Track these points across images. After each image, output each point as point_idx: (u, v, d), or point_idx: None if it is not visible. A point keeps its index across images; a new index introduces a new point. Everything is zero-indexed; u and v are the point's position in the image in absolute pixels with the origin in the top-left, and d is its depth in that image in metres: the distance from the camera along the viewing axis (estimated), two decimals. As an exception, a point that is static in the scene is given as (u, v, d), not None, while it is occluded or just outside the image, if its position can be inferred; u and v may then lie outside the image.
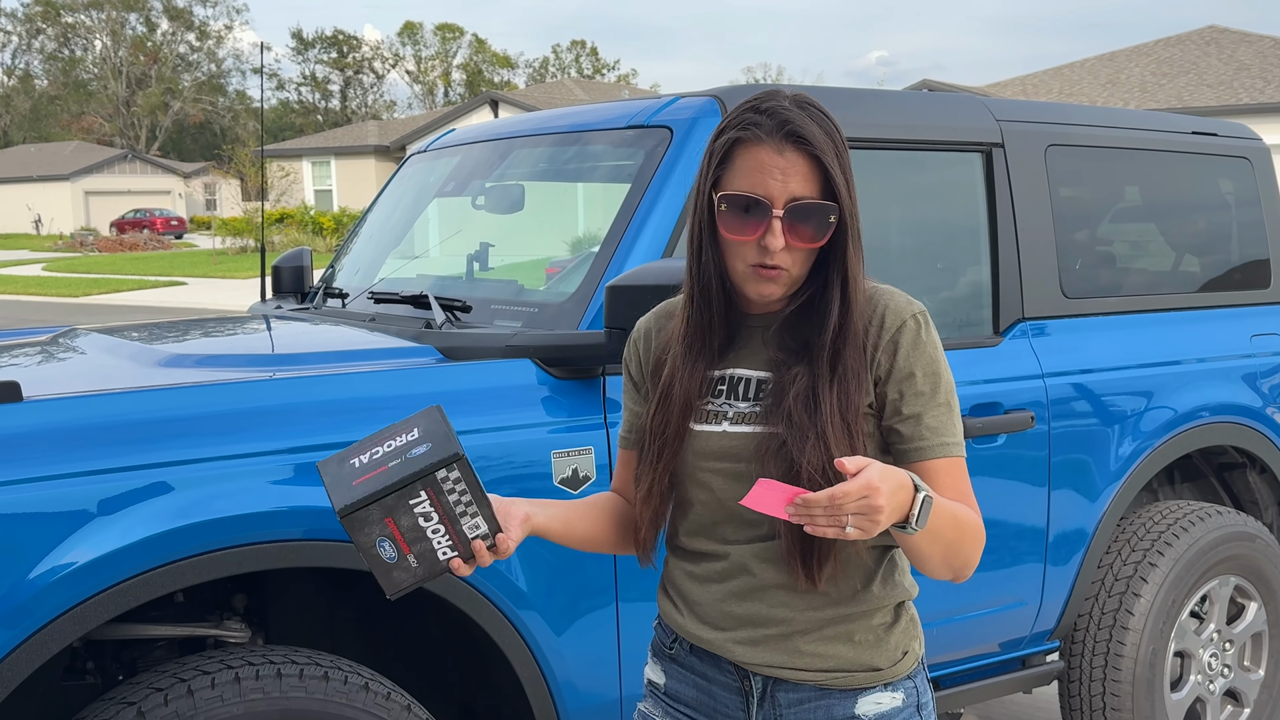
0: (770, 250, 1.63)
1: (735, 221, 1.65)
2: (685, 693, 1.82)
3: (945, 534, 1.59)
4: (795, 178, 1.62)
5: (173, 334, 3.16)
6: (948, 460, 1.68)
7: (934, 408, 1.68)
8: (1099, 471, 3.39)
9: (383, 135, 40.50)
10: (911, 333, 1.69)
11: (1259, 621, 3.79)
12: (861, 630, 1.72)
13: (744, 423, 1.72)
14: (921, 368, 1.69)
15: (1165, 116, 3.90)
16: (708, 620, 1.77)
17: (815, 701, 1.72)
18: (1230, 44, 31.63)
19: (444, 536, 1.61)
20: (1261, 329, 3.90)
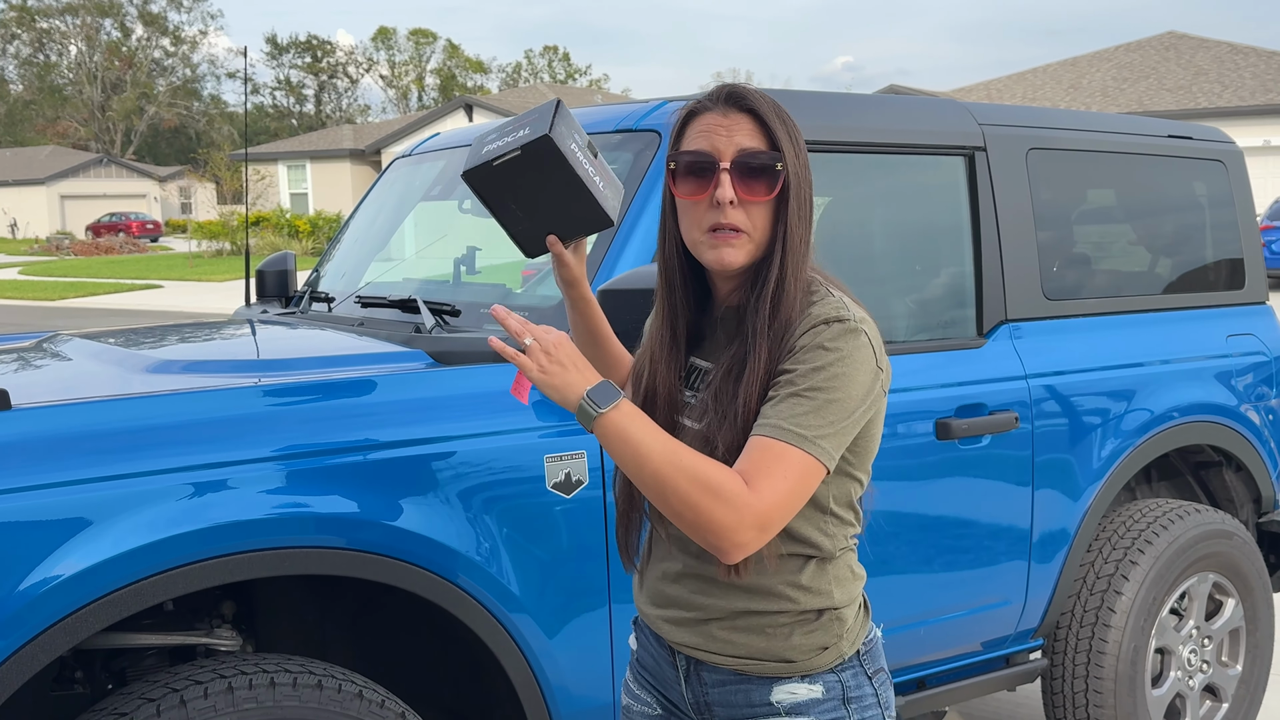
0: (721, 204, 1.66)
1: (688, 183, 1.70)
2: (647, 661, 1.94)
3: (644, 458, 1.59)
4: (740, 133, 1.68)
5: (158, 339, 3.09)
6: (769, 440, 1.62)
7: (796, 395, 1.63)
8: (1081, 471, 3.38)
9: (358, 139, 40.31)
10: (827, 332, 1.65)
11: (1236, 617, 3.78)
12: (774, 625, 1.75)
13: (690, 416, 1.77)
14: (813, 360, 1.64)
15: (1141, 120, 3.89)
16: (649, 596, 1.88)
17: (735, 685, 1.79)
18: (1189, 49, 31.91)
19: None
20: (1236, 329, 3.90)
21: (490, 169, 1.90)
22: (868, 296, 3.18)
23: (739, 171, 1.67)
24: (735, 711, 1.79)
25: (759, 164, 1.67)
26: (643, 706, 1.94)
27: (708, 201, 1.68)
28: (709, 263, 1.71)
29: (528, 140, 1.87)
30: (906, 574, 3.04)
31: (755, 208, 1.68)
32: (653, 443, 1.60)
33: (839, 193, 3.27)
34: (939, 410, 3.06)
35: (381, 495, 2.30)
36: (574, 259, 1.90)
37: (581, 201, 1.90)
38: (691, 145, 1.71)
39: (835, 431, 1.63)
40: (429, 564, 2.34)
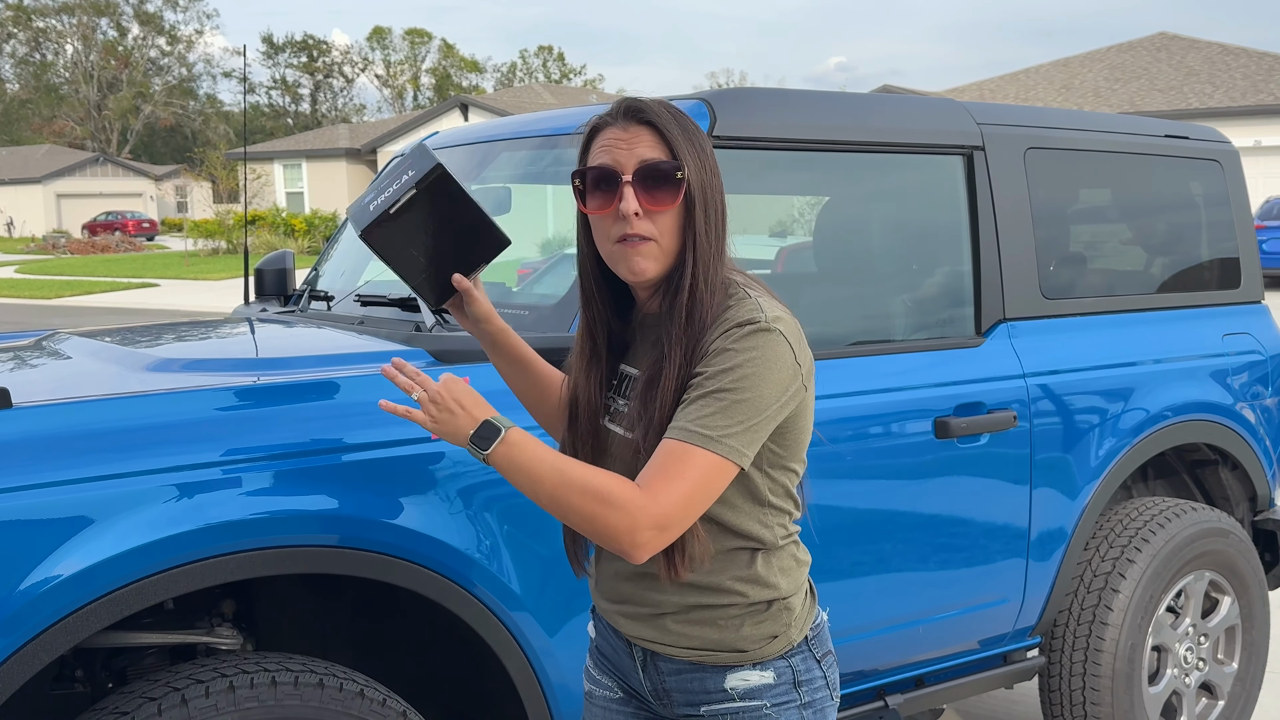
0: (627, 216, 1.70)
1: (594, 198, 1.75)
2: (605, 648, 2.00)
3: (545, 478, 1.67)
4: (640, 145, 1.72)
5: (158, 337, 3.07)
6: (673, 442, 1.67)
7: (704, 397, 1.68)
8: (1079, 469, 3.37)
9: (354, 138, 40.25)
10: (738, 334, 1.69)
11: (1232, 615, 3.78)
12: (725, 617, 1.81)
13: (618, 423, 1.84)
14: (723, 363, 1.69)
15: (1139, 120, 3.88)
16: (604, 592, 1.93)
17: (690, 673, 1.85)
18: (1180, 50, 31.95)
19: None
20: (1232, 328, 3.90)
21: (389, 219, 1.93)
22: (867, 295, 3.20)
23: (641, 182, 1.71)
24: (692, 697, 1.86)
25: (660, 174, 1.71)
26: (605, 691, 2.01)
27: (614, 214, 1.73)
28: (623, 274, 1.76)
29: (420, 178, 1.92)
30: (905, 572, 3.03)
31: (661, 216, 1.72)
32: (541, 466, 1.67)
33: (838, 192, 3.27)
34: (938, 409, 3.05)
35: (382, 493, 2.29)
36: (481, 293, 1.99)
37: (479, 227, 1.96)
38: (594, 160, 1.75)
39: (745, 429, 1.68)
40: (430, 562, 2.32)
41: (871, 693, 3.14)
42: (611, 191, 1.73)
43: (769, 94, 3.01)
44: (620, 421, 1.82)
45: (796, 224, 3.80)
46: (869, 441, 2.94)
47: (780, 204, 3.74)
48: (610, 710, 2.00)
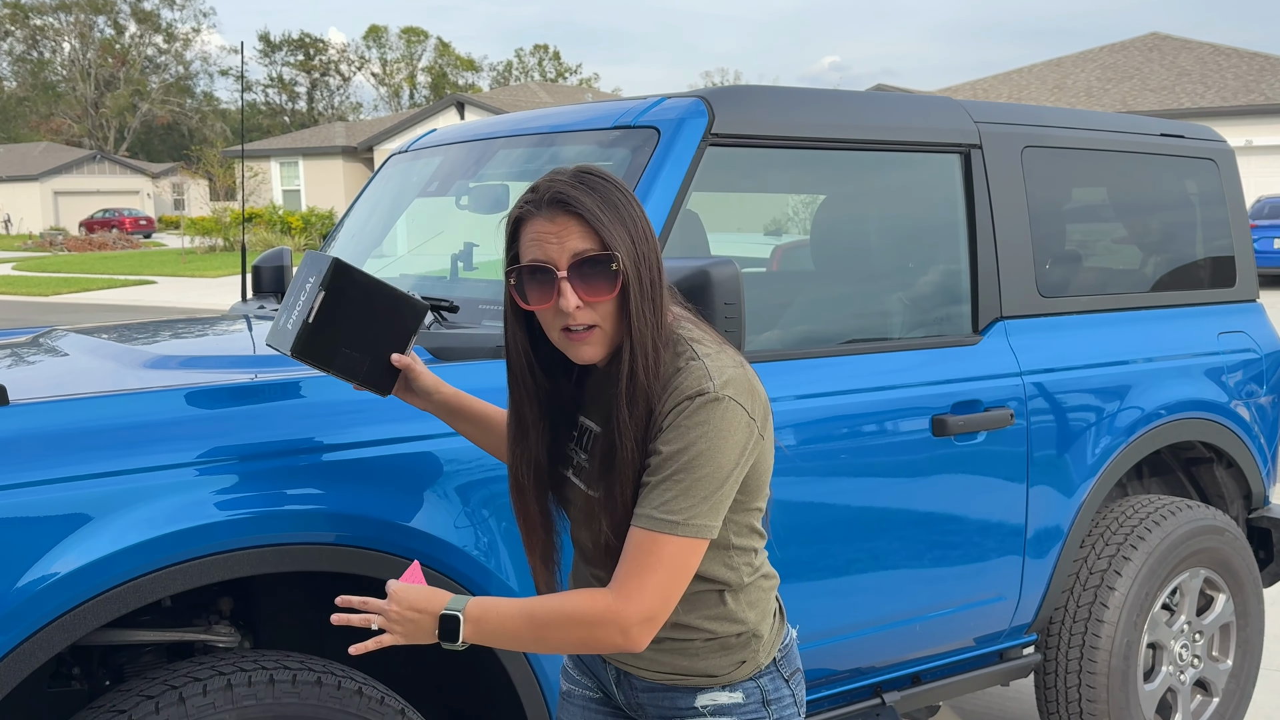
0: (567, 311, 1.68)
1: (532, 293, 1.72)
2: (585, 658, 2.02)
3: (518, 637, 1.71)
4: (571, 238, 1.69)
5: (155, 335, 3.05)
6: (641, 532, 1.68)
7: (664, 481, 1.68)
8: (1075, 467, 3.36)
9: (350, 136, 40.18)
10: (689, 408, 1.67)
11: (1227, 613, 3.77)
12: (694, 649, 1.83)
13: (580, 477, 1.85)
14: (678, 441, 1.67)
15: (1134, 119, 3.87)
16: None
17: (662, 692, 1.89)
18: (1172, 50, 31.97)
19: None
20: (1228, 326, 3.89)
21: (310, 327, 1.98)
22: (865, 293, 3.18)
23: (576, 275, 1.68)
24: (665, 712, 1.90)
25: (594, 264, 1.68)
26: (584, 690, 2.03)
27: (553, 309, 1.71)
28: (572, 358, 1.75)
29: (323, 277, 1.99)
30: (902, 570, 3.01)
31: (600, 305, 1.70)
32: (512, 623, 1.70)
33: (836, 190, 3.25)
34: (935, 407, 3.04)
35: (380, 491, 2.27)
36: (421, 366, 2.07)
37: (395, 303, 2.05)
38: (527, 255, 1.72)
39: (708, 505, 1.68)
40: (428, 560, 2.31)
41: (869, 690, 3.13)
42: (549, 286, 1.70)
43: (767, 92, 2.99)
44: (582, 477, 1.83)
45: (791, 223, 3.78)
46: (867, 439, 2.92)
47: (775, 203, 3.72)
48: (589, 709, 2.02)
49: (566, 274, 1.68)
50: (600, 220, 1.69)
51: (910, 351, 3.09)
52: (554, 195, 1.70)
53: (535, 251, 1.70)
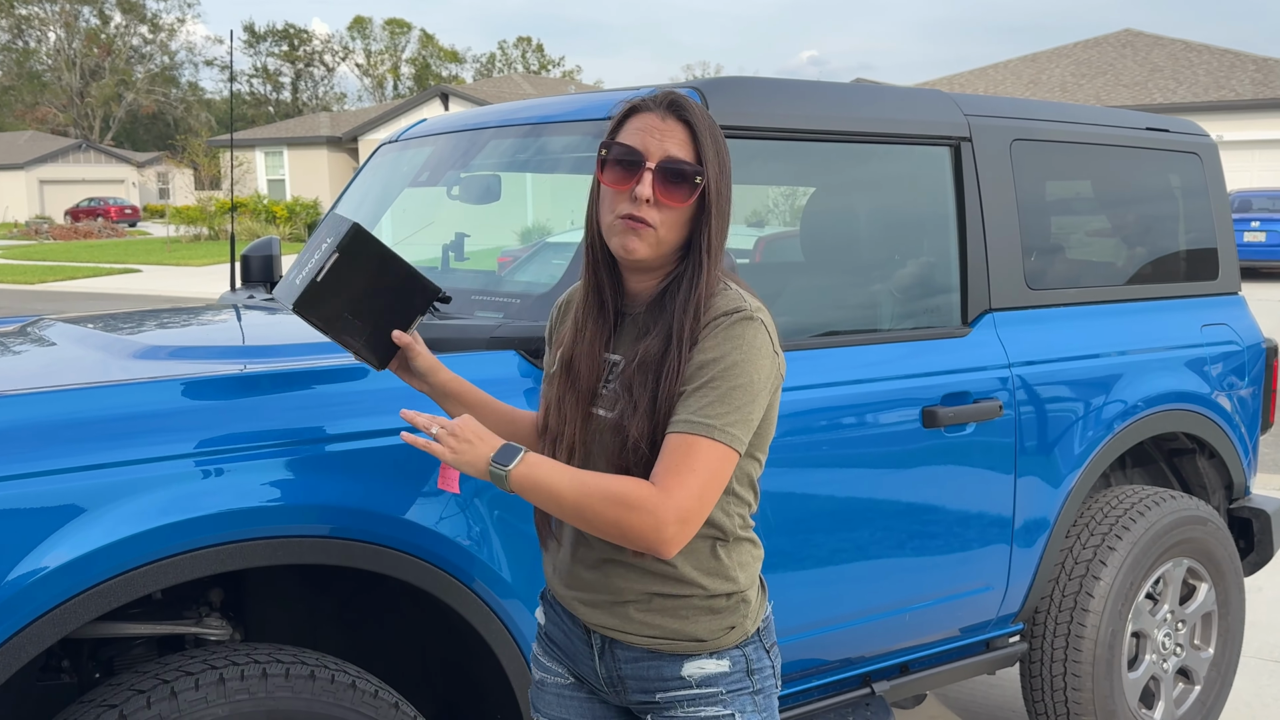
0: (639, 199, 1.73)
1: (614, 172, 1.77)
2: (556, 635, 1.99)
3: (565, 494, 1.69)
4: (671, 140, 1.75)
5: (144, 324, 2.98)
6: (678, 436, 1.72)
7: (701, 388, 1.72)
8: (1063, 457, 3.33)
9: (335, 126, 39.92)
10: (726, 323, 1.74)
11: (1209, 602, 3.76)
12: (686, 608, 1.83)
13: (604, 406, 1.83)
14: (714, 350, 1.73)
15: (1120, 113, 3.84)
16: (563, 578, 1.92)
17: (648, 661, 1.86)
18: (1145, 47, 32.06)
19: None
20: (1211, 319, 3.87)
21: (317, 286, 1.93)
22: (856, 285, 3.14)
23: (661, 175, 1.74)
24: (648, 685, 1.87)
25: (681, 174, 1.75)
26: (555, 678, 2.00)
27: (628, 193, 1.75)
28: (614, 247, 1.78)
29: (340, 240, 1.93)
30: (894, 561, 2.98)
31: (668, 210, 1.75)
32: (560, 481, 1.70)
33: (828, 181, 3.21)
34: (925, 398, 3.00)
35: (372, 483, 2.22)
36: (422, 346, 2.03)
37: (407, 280, 1.99)
38: (625, 139, 1.78)
39: (741, 417, 1.73)
40: (420, 551, 2.26)
41: (858, 680, 3.10)
42: (632, 171, 1.75)
43: (761, 83, 2.94)
44: (601, 404, 1.84)
45: (772, 214, 3.74)
46: (858, 430, 2.88)
47: (756, 194, 3.67)
48: (563, 697, 1.99)
49: (654, 167, 1.74)
50: (704, 139, 1.77)
51: (901, 343, 3.05)
52: (673, 100, 1.78)
53: (635, 139, 1.76)
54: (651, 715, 1.89)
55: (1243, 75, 28.63)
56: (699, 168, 1.75)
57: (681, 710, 1.85)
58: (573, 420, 1.84)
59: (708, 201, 1.77)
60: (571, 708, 1.98)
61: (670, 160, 1.75)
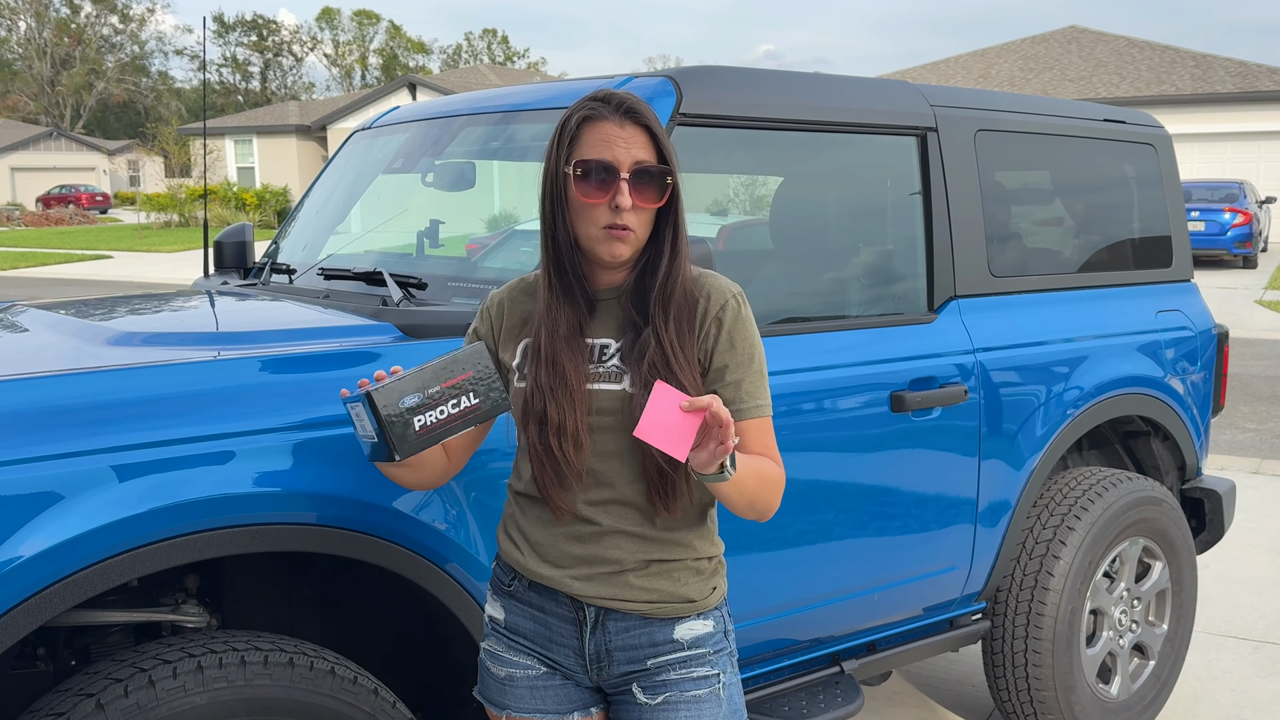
0: (620, 209, 1.77)
1: (589, 187, 1.79)
2: (524, 625, 1.94)
3: (748, 484, 1.76)
4: (636, 146, 1.80)
5: (119, 310, 2.89)
6: (759, 420, 1.87)
7: (750, 374, 1.86)
8: (1025, 440, 3.31)
9: (304, 115, 39.46)
10: (734, 309, 1.87)
11: (1163, 579, 3.76)
12: (679, 570, 1.88)
13: (605, 381, 1.84)
14: (742, 340, 1.86)
15: (1080, 104, 3.82)
16: (547, 558, 1.89)
17: (640, 628, 1.88)
18: (1089, 43, 32.26)
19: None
20: (1165, 305, 3.86)
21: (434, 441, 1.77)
22: (823, 272, 3.09)
23: (635, 181, 1.79)
24: (637, 654, 1.89)
25: (651, 176, 1.80)
26: (525, 671, 1.95)
27: (608, 205, 1.79)
28: (601, 254, 1.82)
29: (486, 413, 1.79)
30: (863, 542, 2.95)
31: (644, 212, 1.81)
32: (745, 470, 1.74)
33: (798, 170, 3.16)
34: (894, 383, 2.97)
35: (349, 469, 2.15)
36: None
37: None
38: (592, 153, 1.79)
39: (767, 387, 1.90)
40: (396, 536, 2.19)
41: (827, 659, 3.07)
42: (607, 184, 1.79)
43: (734, 73, 2.89)
44: (602, 379, 1.85)
45: (733, 203, 3.68)
46: (829, 415, 2.84)
47: (717, 183, 3.61)
48: (536, 688, 1.94)
49: (628, 176, 1.78)
50: (663, 139, 1.82)
51: (870, 329, 3.01)
52: (628, 106, 1.81)
53: (602, 151, 1.79)
54: (638, 683, 1.89)
55: (1183, 71, 28.88)
56: (667, 167, 1.81)
57: (674, 672, 1.88)
58: (575, 408, 1.81)
59: (675, 197, 1.84)
60: (547, 697, 1.94)
61: (640, 166, 1.79)
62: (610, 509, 1.86)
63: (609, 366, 1.85)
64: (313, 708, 2.04)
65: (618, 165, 1.78)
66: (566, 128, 1.83)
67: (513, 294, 1.98)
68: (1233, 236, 20.70)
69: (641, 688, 1.89)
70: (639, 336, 1.83)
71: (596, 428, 1.83)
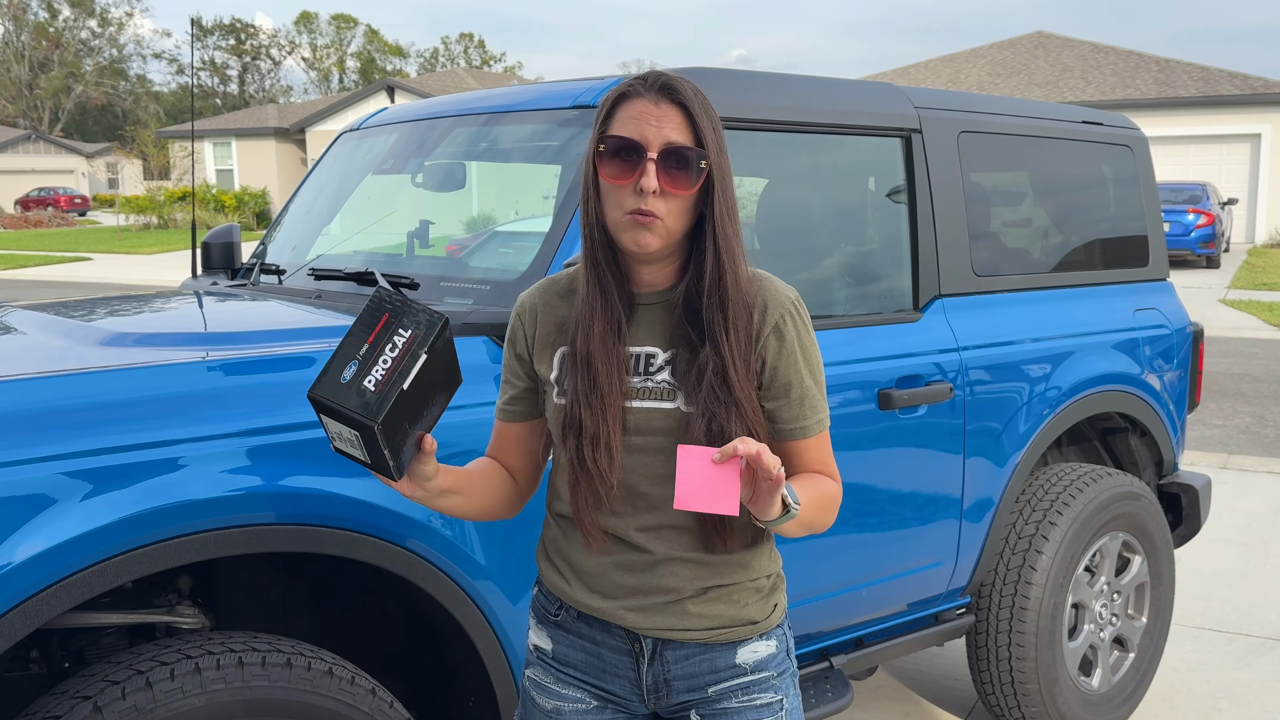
0: (645, 191, 1.60)
1: (614, 166, 1.63)
2: (574, 657, 1.80)
3: (807, 514, 1.63)
4: (669, 125, 1.62)
5: (108, 311, 2.84)
6: (821, 434, 1.75)
7: (814, 388, 1.73)
8: (1008, 437, 3.31)
9: (282, 118, 39.17)
10: (794, 318, 1.71)
11: (1143, 573, 3.77)
12: (738, 592, 1.75)
13: (653, 398, 1.68)
14: (804, 351, 1.72)
15: (1059, 107, 3.82)
16: (597, 589, 1.75)
17: (700, 655, 1.75)
18: (1055, 48, 32.47)
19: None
20: (1142, 304, 3.87)
21: (404, 396, 1.50)
22: (812, 272, 3.08)
23: (664, 163, 1.61)
24: (698, 681, 1.75)
25: (684, 159, 1.62)
26: (575, 704, 1.80)
27: (632, 187, 1.62)
28: (626, 242, 1.64)
29: (430, 339, 1.52)
30: (852, 539, 2.94)
31: (674, 199, 1.63)
32: (806, 501, 1.63)
33: (784, 171, 3.14)
34: (881, 381, 2.96)
35: (342, 469, 2.12)
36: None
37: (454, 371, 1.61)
38: (621, 130, 1.63)
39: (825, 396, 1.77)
40: (394, 537, 2.16)
41: (816, 654, 3.06)
42: (633, 164, 1.62)
43: (721, 74, 2.87)
44: (649, 396, 1.67)
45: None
46: (818, 413, 2.83)
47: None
48: None
49: (656, 157, 1.61)
50: (701, 120, 1.63)
51: (858, 328, 3.00)
52: (664, 82, 1.64)
53: (631, 129, 1.62)
54: (697, 710, 1.75)
55: (1146, 75, 29.10)
56: (701, 151, 1.62)
57: (736, 700, 1.74)
58: (607, 415, 1.65)
59: (712, 183, 1.64)
60: None
61: (671, 146, 1.61)
62: (663, 535, 1.70)
63: (659, 382, 1.68)
64: (311, 708, 2.01)
65: (645, 144, 1.61)
66: (602, 105, 1.67)
67: (545, 297, 1.79)
68: (1197, 237, 20.87)
69: (701, 715, 1.76)
70: (693, 353, 1.66)
71: (645, 448, 1.67)
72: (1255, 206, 27.31)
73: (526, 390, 1.81)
